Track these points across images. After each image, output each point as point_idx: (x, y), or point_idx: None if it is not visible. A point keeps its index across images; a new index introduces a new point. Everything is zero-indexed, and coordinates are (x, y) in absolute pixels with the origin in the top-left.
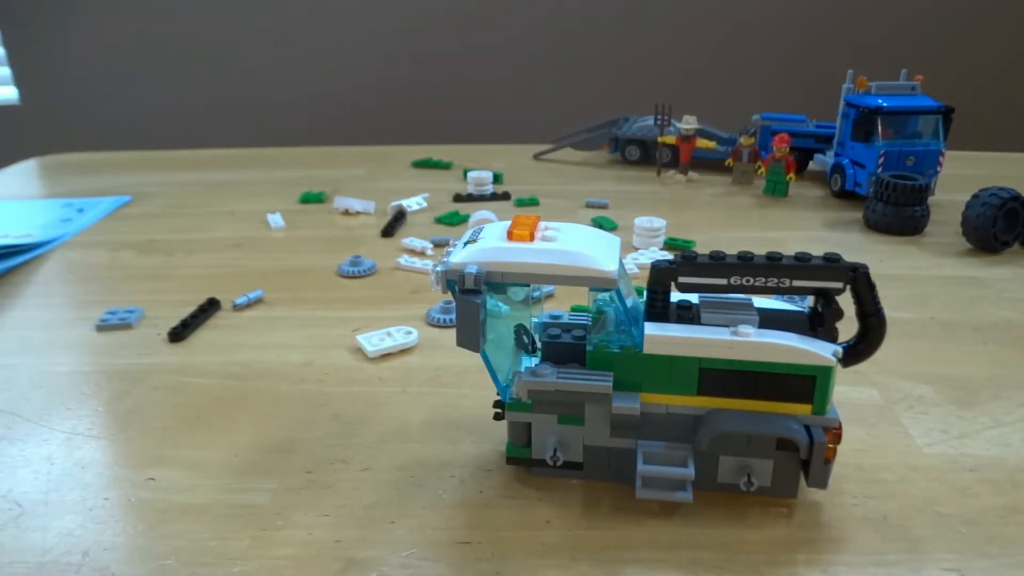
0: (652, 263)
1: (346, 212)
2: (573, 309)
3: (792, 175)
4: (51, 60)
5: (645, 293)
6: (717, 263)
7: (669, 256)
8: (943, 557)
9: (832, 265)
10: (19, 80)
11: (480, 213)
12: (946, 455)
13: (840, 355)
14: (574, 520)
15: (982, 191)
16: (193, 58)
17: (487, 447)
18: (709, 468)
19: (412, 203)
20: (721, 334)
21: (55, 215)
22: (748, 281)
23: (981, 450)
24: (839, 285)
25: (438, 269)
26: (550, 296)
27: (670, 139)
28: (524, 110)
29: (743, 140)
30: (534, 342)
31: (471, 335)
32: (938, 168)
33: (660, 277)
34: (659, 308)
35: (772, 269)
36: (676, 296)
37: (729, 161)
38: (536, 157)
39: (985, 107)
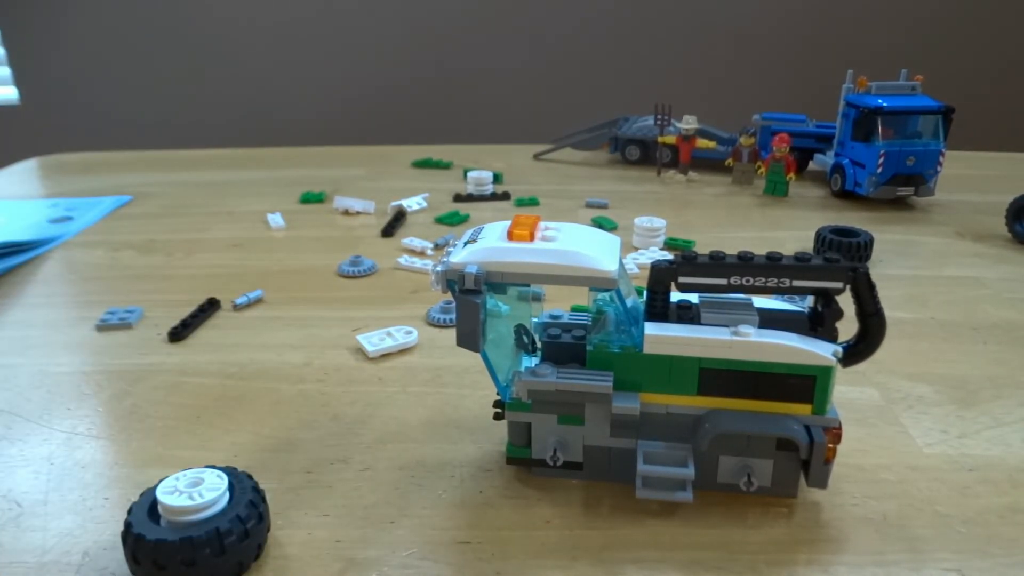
0: (652, 263)
1: (346, 212)
2: (573, 309)
3: (792, 175)
4: (51, 60)
5: (645, 293)
6: (717, 263)
7: (669, 256)
8: (943, 557)
9: (832, 265)
10: (19, 80)
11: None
12: (946, 455)
13: (840, 355)
14: (574, 520)
15: None
16: (193, 58)
17: (487, 447)
18: (709, 468)
19: (412, 203)
20: (721, 334)
21: (42, 215)
22: (748, 281)
23: (981, 450)
24: (839, 285)
25: (438, 269)
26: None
27: (670, 139)
28: (524, 110)
29: (743, 140)
30: (534, 342)
31: (471, 335)
32: (938, 168)
33: (660, 277)
34: (659, 308)
35: (772, 269)
36: (676, 296)
37: (729, 161)
38: (536, 157)
39: (985, 107)
